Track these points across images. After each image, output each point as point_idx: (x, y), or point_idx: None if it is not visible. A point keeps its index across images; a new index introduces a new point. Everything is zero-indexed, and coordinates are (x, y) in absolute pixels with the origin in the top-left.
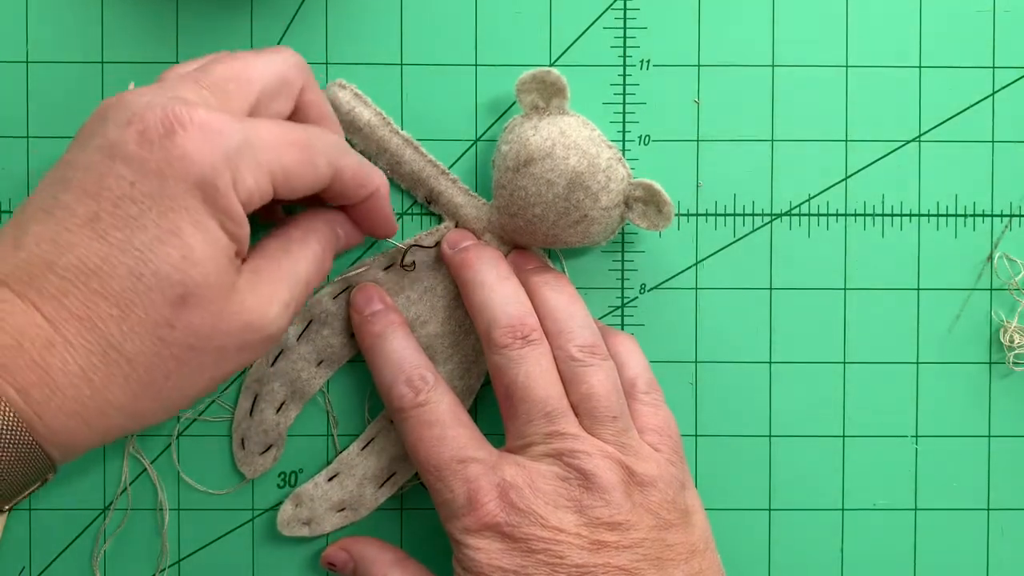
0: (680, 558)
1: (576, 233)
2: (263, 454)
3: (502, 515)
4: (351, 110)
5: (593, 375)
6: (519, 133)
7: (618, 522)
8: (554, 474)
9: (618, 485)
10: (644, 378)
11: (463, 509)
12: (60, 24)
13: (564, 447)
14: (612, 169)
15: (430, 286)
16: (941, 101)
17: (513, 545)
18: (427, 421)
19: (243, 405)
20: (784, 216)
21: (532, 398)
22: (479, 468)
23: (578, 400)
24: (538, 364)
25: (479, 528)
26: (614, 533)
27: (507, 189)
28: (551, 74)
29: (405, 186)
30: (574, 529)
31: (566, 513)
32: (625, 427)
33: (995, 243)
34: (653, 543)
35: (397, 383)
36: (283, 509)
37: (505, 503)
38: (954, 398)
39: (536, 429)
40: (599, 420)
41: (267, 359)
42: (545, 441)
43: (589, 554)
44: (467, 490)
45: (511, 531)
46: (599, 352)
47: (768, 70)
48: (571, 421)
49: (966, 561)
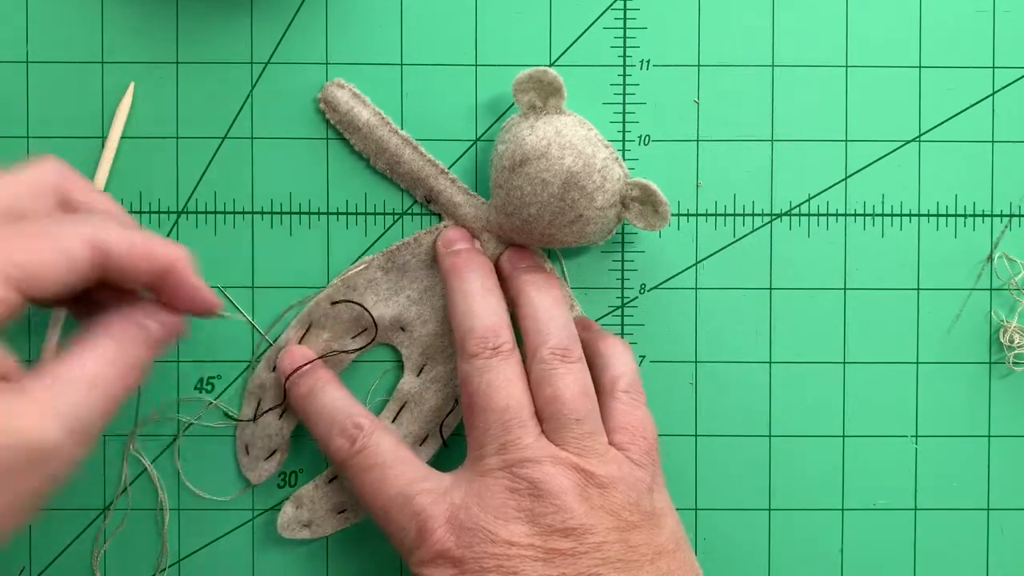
0: (645, 559)
1: (572, 233)
2: (267, 459)
3: (451, 539)
4: (349, 110)
5: (560, 379)
6: (515, 133)
7: (572, 528)
8: (503, 487)
9: (570, 489)
10: (627, 378)
11: (415, 542)
12: (60, 24)
13: (514, 458)
14: (608, 169)
15: (430, 285)
16: (941, 101)
17: (465, 568)
18: (367, 466)
19: (246, 412)
20: (784, 216)
21: (491, 407)
22: (426, 498)
23: (543, 404)
24: (502, 374)
25: (432, 558)
26: (568, 540)
27: (503, 189)
28: (548, 74)
29: (404, 186)
30: (527, 540)
31: (517, 524)
32: (590, 430)
33: (995, 243)
34: (613, 545)
35: (332, 436)
36: (283, 511)
37: (454, 526)
38: (954, 398)
39: (491, 440)
40: (562, 423)
41: (268, 365)
42: (497, 453)
43: (544, 565)
44: (416, 523)
45: (462, 553)
46: (571, 356)
47: (768, 70)
48: (528, 431)
49: (966, 561)
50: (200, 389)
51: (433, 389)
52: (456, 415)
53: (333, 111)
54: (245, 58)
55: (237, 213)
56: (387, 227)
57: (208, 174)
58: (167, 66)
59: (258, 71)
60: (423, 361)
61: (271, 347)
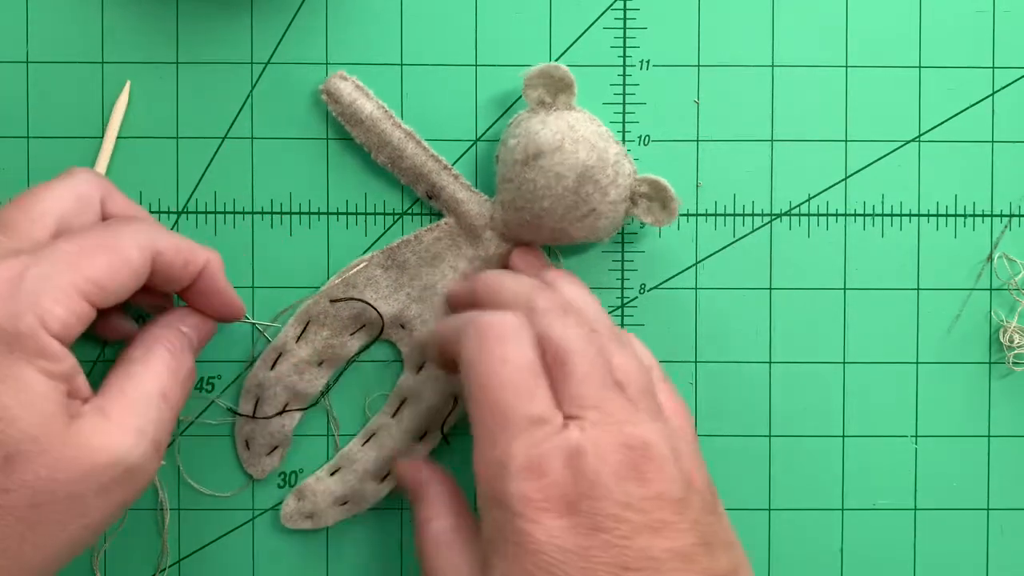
0: (724, 544)
1: (583, 228)
2: (270, 454)
3: (570, 485)
4: (352, 102)
5: (622, 352)
6: (527, 127)
7: (678, 499)
8: (619, 443)
9: (671, 458)
10: (658, 367)
11: (523, 473)
12: (60, 24)
13: (622, 416)
14: (620, 164)
15: (430, 283)
16: (941, 101)
17: (577, 521)
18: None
19: (244, 408)
20: (784, 216)
21: (586, 361)
22: (548, 430)
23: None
24: (582, 328)
25: (541, 499)
26: (674, 512)
27: (514, 183)
28: (559, 69)
29: (406, 181)
30: (639, 503)
31: (632, 485)
32: (656, 406)
33: (995, 243)
34: (704, 525)
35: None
36: (286, 503)
37: (573, 471)
38: (954, 398)
39: (592, 392)
40: (636, 394)
41: (266, 363)
42: (598, 406)
43: (651, 536)
44: (530, 453)
45: (576, 504)
46: (623, 337)
47: (768, 70)
48: (619, 391)
49: (966, 561)
50: (200, 389)
51: (431, 387)
52: (456, 414)
53: (335, 103)
54: (245, 58)
55: (237, 213)
56: (387, 227)
57: (208, 174)
58: (167, 66)
59: (258, 71)
60: (422, 360)
61: (268, 346)
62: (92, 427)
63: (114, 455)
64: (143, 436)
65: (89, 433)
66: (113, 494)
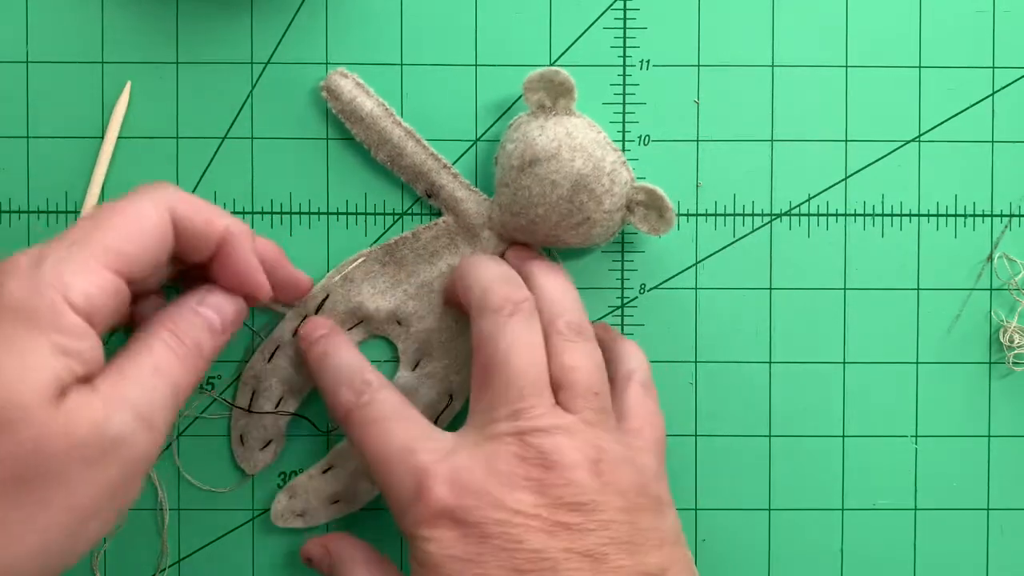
0: (651, 544)
1: (577, 235)
2: (263, 449)
3: (452, 499)
4: (353, 99)
5: (579, 350)
6: (525, 132)
7: (581, 503)
8: (512, 453)
9: (582, 464)
10: (643, 373)
11: (413, 499)
12: (60, 24)
13: (527, 426)
14: (616, 173)
15: (426, 281)
16: (941, 101)
17: (466, 531)
18: (371, 419)
19: (240, 401)
20: (784, 216)
21: (509, 371)
22: (429, 455)
23: (560, 373)
24: (524, 335)
25: (430, 517)
26: (576, 514)
27: (510, 188)
28: (559, 74)
29: (406, 179)
30: (533, 510)
31: (524, 493)
32: (604, 406)
33: (995, 243)
34: (622, 526)
35: (340, 390)
36: (277, 500)
37: (456, 487)
38: (954, 398)
39: (504, 404)
40: (579, 392)
41: (264, 356)
42: (509, 419)
43: (547, 537)
44: (416, 479)
45: (464, 515)
46: (587, 332)
47: (768, 70)
48: (544, 399)
49: (966, 561)
50: (200, 389)
51: (428, 384)
52: (451, 411)
53: (336, 100)
54: (245, 58)
55: (237, 213)
56: (387, 227)
57: (208, 174)
58: (167, 66)
59: (258, 71)
60: (418, 356)
61: (267, 339)
62: (78, 400)
63: (96, 425)
64: (129, 408)
65: (74, 405)
66: (98, 470)
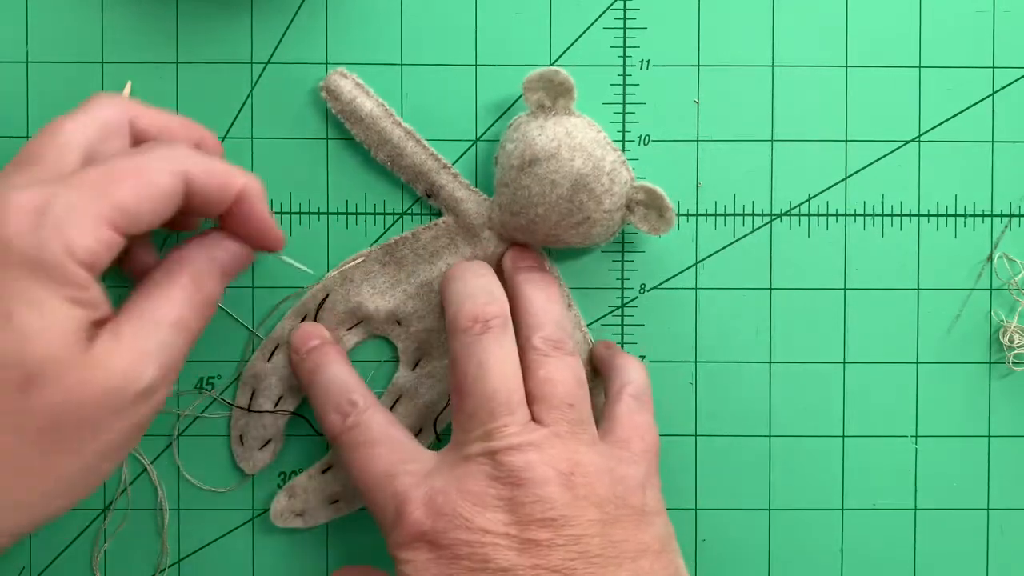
0: (626, 556)
1: (577, 235)
2: (262, 449)
3: (427, 522)
4: (352, 100)
5: (553, 363)
6: (524, 132)
7: (551, 518)
8: (484, 473)
9: (553, 479)
10: (636, 385)
11: (393, 523)
12: (60, 24)
13: (498, 445)
14: (616, 172)
15: (426, 280)
16: (941, 101)
17: (439, 553)
18: (357, 443)
19: (240, 400)
20: (784, 216)
21: (479, 390)
22: (407, 480)
23: (535, 385)
24: (493, 353)
25: (408, 540)
26: (546, 530)
27: (510, 188)
28: (559, 74)
29: (405, 179)
30: (502, 529)
31: (495, 513)
32: (580, 418)
33: (995, 243)
34: (593, 539)
35: (327, 412)
36: (276, 500)
37: (431, 510)
38: (954, 398)
39: (476, 425)
40: (554, 404)
41: (263, 355)
42: (481, 439)
43: (517, 555)
44: (395, 504)
45: (436, 538)
46: (564, 347)
47: (768, 70)
48: (516, 417)
49: (966, 561)
50: (200, 389)
51: (427, 384)
52: (450, 411)
53: (335, 100)
54: (245, 58)
55: None
56: (387, 227)
57: None
58: (167, 66)
59: (258, 71)
60: (418, 356)
61: (266, 338)
62: (105, 350)
63: (129, 379)
64: (152, 360)
65: (103, 355)
66: (125, 417)
